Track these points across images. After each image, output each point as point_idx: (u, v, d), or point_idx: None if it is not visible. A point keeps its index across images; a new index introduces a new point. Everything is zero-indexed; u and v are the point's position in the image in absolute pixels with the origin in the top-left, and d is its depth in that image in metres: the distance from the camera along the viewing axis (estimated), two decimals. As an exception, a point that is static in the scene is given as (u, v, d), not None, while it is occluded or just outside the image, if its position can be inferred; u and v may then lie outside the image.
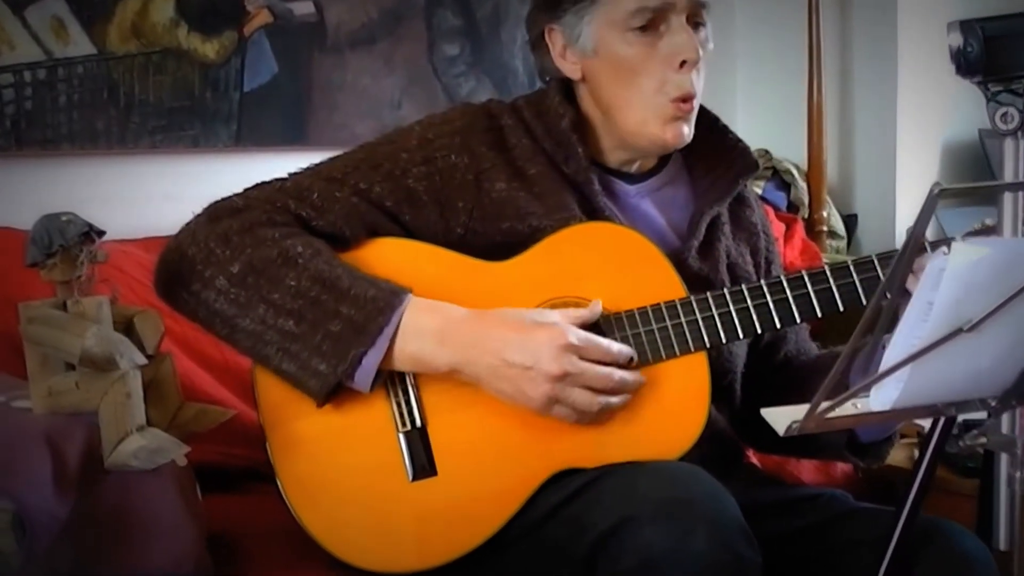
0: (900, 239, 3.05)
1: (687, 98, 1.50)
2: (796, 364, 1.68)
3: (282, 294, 1.39)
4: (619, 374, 1.39)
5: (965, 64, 1.31)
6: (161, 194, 2.19)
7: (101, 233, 1.32)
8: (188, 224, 1.49)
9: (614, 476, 1.35)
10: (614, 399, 1.39)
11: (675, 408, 1.44)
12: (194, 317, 1.46)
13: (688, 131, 1.52)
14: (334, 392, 1.40)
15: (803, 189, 2.96)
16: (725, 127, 1.63)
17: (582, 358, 1.37)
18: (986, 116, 1.31)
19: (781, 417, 1.06)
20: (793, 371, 1.66)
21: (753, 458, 1.89)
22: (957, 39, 1.32)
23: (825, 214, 2.94)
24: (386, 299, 1.39)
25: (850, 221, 3.08)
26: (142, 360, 1.31)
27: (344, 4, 2.38)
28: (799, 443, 1.63)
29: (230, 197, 1.51)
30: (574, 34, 1.52)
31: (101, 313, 1.30)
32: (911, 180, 3.05)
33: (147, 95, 2.18)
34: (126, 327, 1.37)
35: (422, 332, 1.39)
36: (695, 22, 1.51)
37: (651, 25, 1.48)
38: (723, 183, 1.61)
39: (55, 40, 2.08)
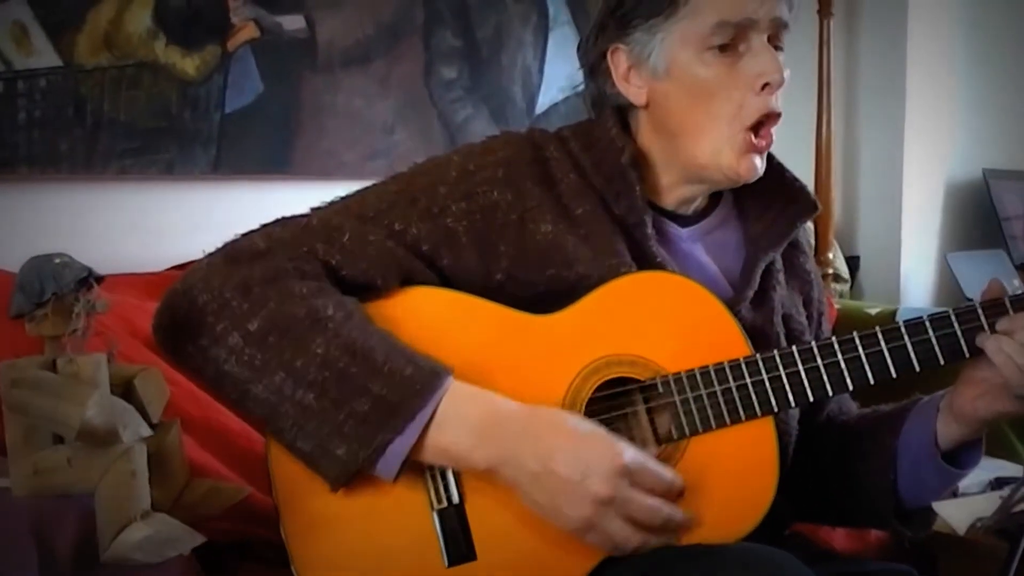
0: (904, 281, 2.97)
1: (769, 119, 1.35)
2: (838, 424, 1.55)
3: (306, 362, 1.22)
4: (667, 511, 1.23)
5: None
6: (128, 224, 2.00)
7: (100, 278, 1.12)
8: (200, 264, 1.31)
9: (684, 562, 1.20)
10: (653, 540, 1.23)
11: (740, 480, 1.30)
12: (198, 374, 1.28)
13: (761, 165, 1.38)
14: (352, 479, 1.23)
15: (809, 231, 2.84)
16: (780, 164, 1.48)
17: (633, 483, 1.21)
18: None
19: (957, 513, 0.90)
20: (836, 432, 1.52)
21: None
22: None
23: (831, 256, 2.83)
24: (424, 380, 1.22)
25: (852, 263, 2.99)
26: (147, 431, 1.11)
27: (338, 18, 2.19)
28: (846, 511, 1.52)
29: (251, 235, 1.34)
30: (644, 53, 1.37)
31: (99, 375, 1.10)
32: (916, 220, 2.98)
33: (118, 113, 1.96)
34: (124, 389, 1.17)
35: (461, 423, 1.23)
36: (775, 45, 1.36)
37: (731, 44, 1.34)
38: (779, 226, 1.46)
39: (15, 49, 1.86)
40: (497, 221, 1.34)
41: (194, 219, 2.05)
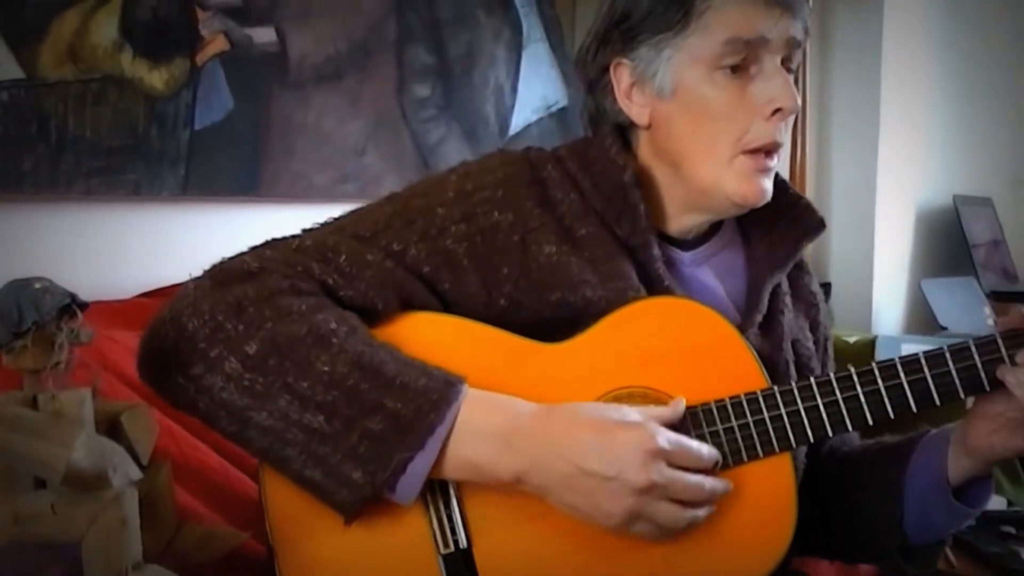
0: (877, 306, 2.96)
1: (771, 149, 1.30)
2: (840, 455, 1.50)
3: (312, 382, 1.14)
4: (709, 483, 1.19)
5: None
6: (93, 249, 1.90)
7: (84, 305, 1.02)
8: (187, 288, 1.22)
9: None
10: (700, 512, 1.18)
11: (759, 519, 1.24)
12: (191, 408, 1.19)
13: (770, 187, 1.32)
14: (367, 506, 1.15)
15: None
16: (784, 182, 1.42)
17: (670, 464, 1.16)
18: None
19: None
20: (838, 464, 1.48)
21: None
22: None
23: (805, 283, 2.79)
24: (440, 390, 1.15)
25: (824, 289, 2.93)
26: (138, 474, 1.02)
27: (309, 33, 2.11)
28: (848, 545, 1.47)
29: (239, 257, 1.25)
30: (648, 71, 1.31)
31: (84, 412, 1.00)
32: (888, 246, 2.97)
33: (83, 130, 1.85)
34: (110, 427, 1.07)
35: (482, 433, 1.16)
36: (787, 67, 1.31)
37: (742, 66, 1.28)
38: (785, 246, 1.41)
39: (-26, 60, 1.75)
40: (498, 243, 1.28)
41: (162, 244, 1.95)
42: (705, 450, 1.20)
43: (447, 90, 2.35)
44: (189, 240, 1.98)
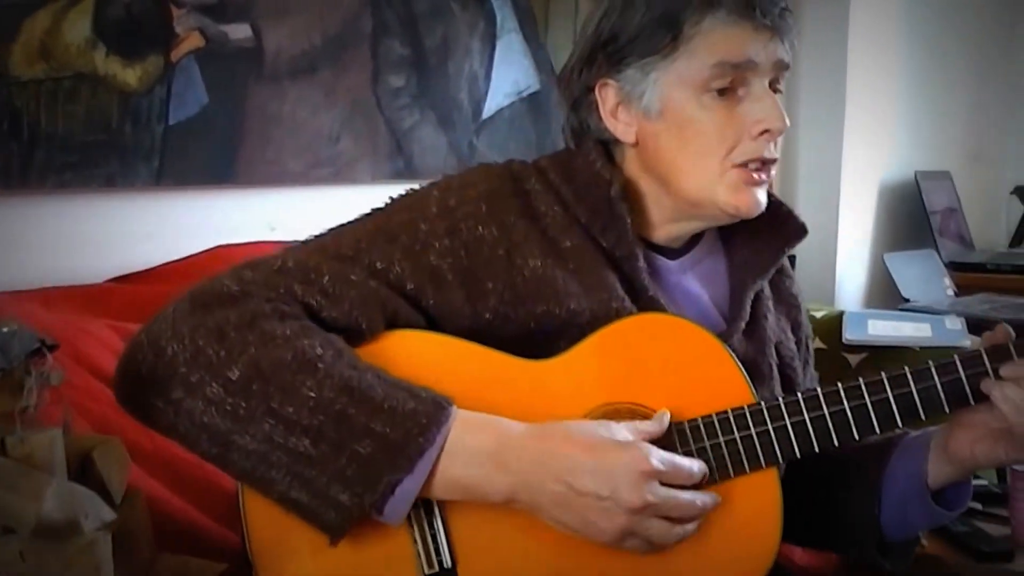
0: (840, 279, 3.00)
1: (762, 163, 1.31)
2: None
3: (298, 407, 1.13)
4: (700, 500, 1.21)
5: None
6: (66, 237, 1.89)
7: (53, 347, 1.00)
8: (165, 312, 1.20)
9: None
10: (690, 526, 1.21)
11: (746, 532, 1.26)
12: (170, 431, 1.18)
13: (764, 199, 1.33)
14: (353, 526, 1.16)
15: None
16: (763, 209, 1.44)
17: (662, 483, 1.18)
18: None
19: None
20: (818, 460, 1.43)
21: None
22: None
23: (768, 258, 2.82)
24: (429, 413, 1.15)
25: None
26: (111, 516, 1.01)
27: (285, 28, 2.09)
28: (826, 538, 1.51)
29: (218, 280, 1.23)
30: (635, 92, 1.31)
31: (55, 454, 0.98)
32: (852, 221, 3.00)
33: (56, 127, 1.84)
34: (81, 463, 1.06)
35: (473, 454, 1.17)
36: (775, 88, 1.32)
37: (730, 88, 1.29)
38: (768, 253, 1.43)
39: (-55, 60, 1.73)
40: (483, 257, 1.27)
41: (136, 231, 1.95)
42: (696, 467, 1.21)
43: (422, 80, 2.35)
44: (163, 226, 1.98)
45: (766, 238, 1.42)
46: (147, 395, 1.16)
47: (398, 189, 1.37)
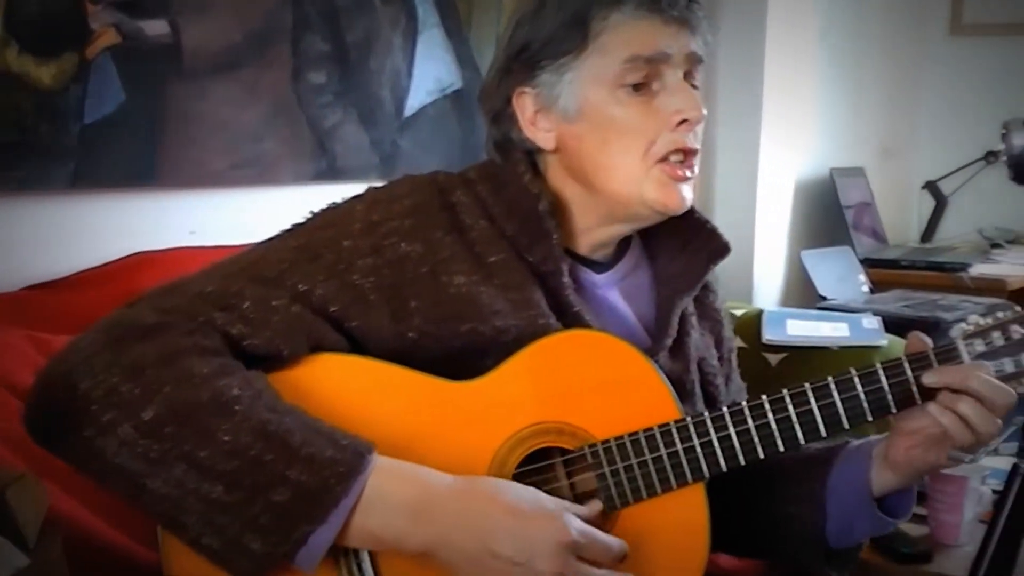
0: (757, 278, 3.03)
1: (685, 155, 1.31)
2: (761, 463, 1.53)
3: (212, 452, 1.11)
4: None
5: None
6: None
7: None
8: (78, 344, 1.17)
9: None
10: None
11: (675, 549, 1.28)
12: (83, 468, 1.15)
13: (689, 195, 1.34)
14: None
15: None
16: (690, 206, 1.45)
17: (579, 558, 1.18)
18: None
19: None
20: (755, 471, 1.45)
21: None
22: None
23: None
24: (347, 462, 1.14)
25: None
26: (24, 561, 0.97)
27: (203, 24, 2.04)
28: (767, 550, 1.53)
29: (136, 307, 1.21)
30: (552, 95, 1.32)
31: None
32: (769, 219, 3.03)
33: (-34, 128, 1.78)
34: None
35: (391, 506, 1.15)
36: (691, 83, 1.33)
37: (644, 83, 1.30)
38: (694, 269, 1.44)
39: None
40: (407, 275, 1.26)
41: (51, 236, 1.89)
42: (615, 544, 1.21)
43: (344, 76, 2.31)
44: (80, 230, 1.92)
45: (692, 255, 1.43)
46: (59, 432, 1.13)
47: (321, 190, 1.35)
